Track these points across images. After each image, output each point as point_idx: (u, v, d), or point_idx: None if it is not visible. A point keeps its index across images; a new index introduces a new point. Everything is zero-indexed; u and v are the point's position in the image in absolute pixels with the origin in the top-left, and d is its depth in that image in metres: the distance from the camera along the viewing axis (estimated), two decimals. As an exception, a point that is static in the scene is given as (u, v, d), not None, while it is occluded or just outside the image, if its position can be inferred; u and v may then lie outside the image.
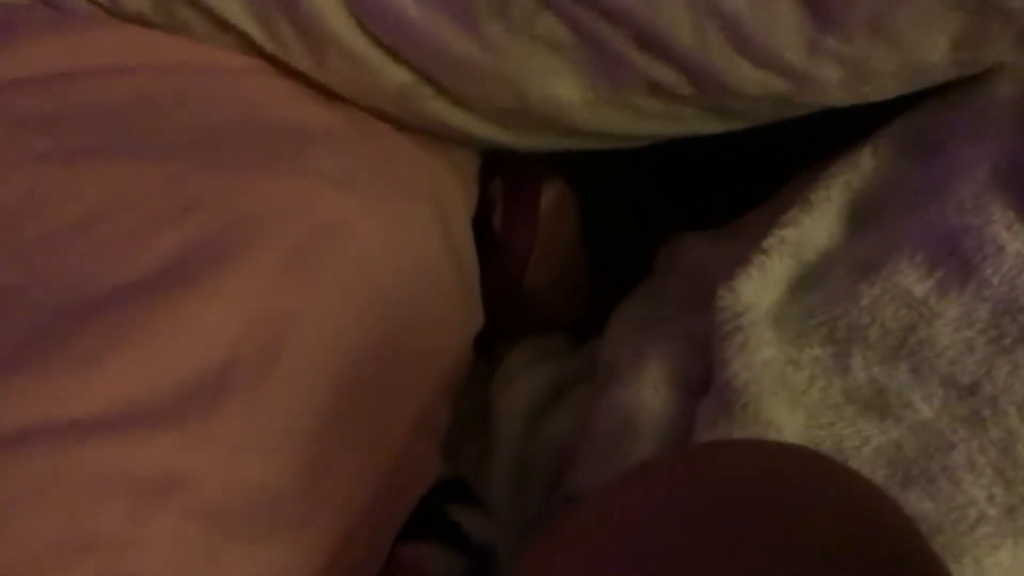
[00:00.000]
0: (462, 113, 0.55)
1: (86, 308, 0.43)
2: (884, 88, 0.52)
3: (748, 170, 0.62)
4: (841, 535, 0.33)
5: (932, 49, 0.50)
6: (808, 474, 0.35)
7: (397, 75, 0.54)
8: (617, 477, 0.36)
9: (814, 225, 0.54)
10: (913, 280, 0.49)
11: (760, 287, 0.52)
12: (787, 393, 0.49)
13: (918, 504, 0.46)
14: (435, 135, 0.58)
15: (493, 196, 0.67)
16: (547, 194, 0.68)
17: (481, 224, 0.66)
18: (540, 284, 0.67)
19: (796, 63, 0.50)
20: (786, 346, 0.50)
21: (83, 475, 0.40)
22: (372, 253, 0.50)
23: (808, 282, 0.53)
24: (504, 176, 0.68)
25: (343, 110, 0.55)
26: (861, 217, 0.54)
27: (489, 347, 0.66)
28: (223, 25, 0.53)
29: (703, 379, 0.52)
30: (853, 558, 0.32)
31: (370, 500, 0.48)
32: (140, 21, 0.54)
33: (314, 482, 0.45)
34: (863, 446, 0.48)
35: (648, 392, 0.53)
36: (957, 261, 0.48)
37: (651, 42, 0.51)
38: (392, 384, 0.50)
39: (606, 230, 0.73)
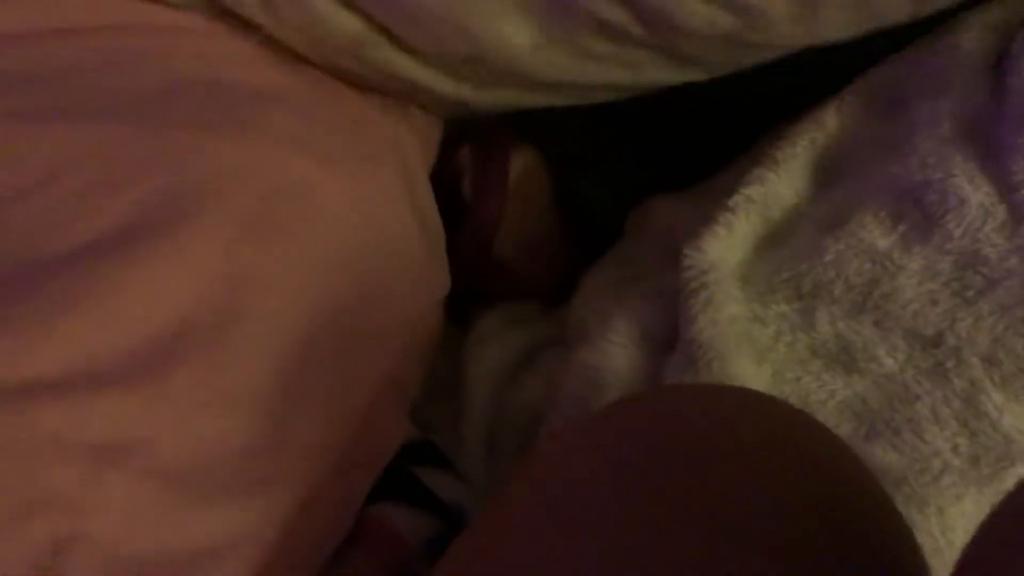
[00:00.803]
0: (415, 63, 0.55)
1: (39, 269, 0.42)
2: (835, 23, 0.52)
3: (726, 134, 0.61)
4: (791, 477, 0.33)
5: None
6: (760, 416, 0.36)
7: (349, 23, 0.53)
8: (572, 423, 0.36)
9: (780, 183, 0.54)
10: (877, 235, 0.49)
11: (726, 245, 0.52)
12: (753, 349, 0.50)
13: (883, 456, 0.46)
14: (395, 94, 0.57)
15: (462, 164, 0.67)
16: (516, 162, 0.67)
17: (451, 192, 0.66)
18: (511, 251, 0.67)
19: None
20: (752, 303, 0.51)
21: (36, 436, 0.40)
22: (333, 216, 0.50)
23: (774, 240, 0.53)
24: (473, 144, 0.67)
25: (304, 74, 0.55)
26: (827, 174, 0.54)
27: (462, 316, 0.65)
28: None
29: (671, 337, 0.52)
30: (802, 500, 0.33)
31: (335, 462, 0.47)
32: None
33: (275, 444, 0.45)
34: (828, 400, 0.48)
35: (615, 351, 0.52)
36: (920, 215, 0.49)
37: (598, -22, 0.50)
38: (356, 347, 0.49)
39: (582, 197, 0.72)
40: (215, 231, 0.45)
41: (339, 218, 0.50)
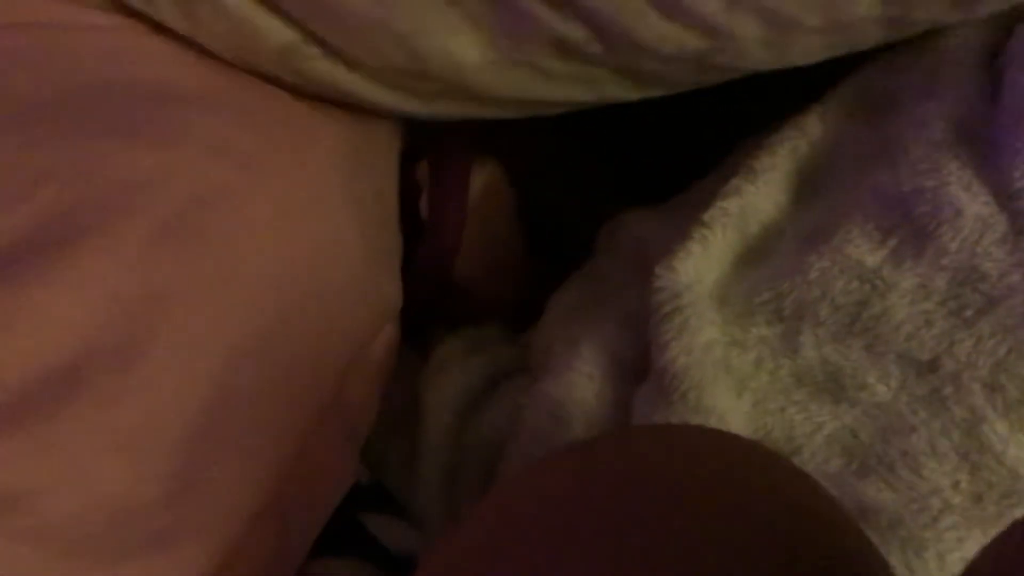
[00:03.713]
0: (354, 76, 0.51)
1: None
2: (809, 49, 0.49)
3: (705, 143, 0.58)
4: (763, 526, 0.31)
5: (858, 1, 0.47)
6: (732, 462, 0.34)
7: (279, 33, 0.49)
8: (530, 464, 0.35)
9: (758, 194, 0.51)
10: (865, 250, 0.46)
11: (701, 263, 0.49)
12: (731, 378, 0.47)
13: (877, 495, 0.43)
14: (335, 103, 0.54)
15: (420, 181, 0.64)
16: (477, 178, 0.65)
17: (408, 211, 0.63)
18: (473, 272, 0.64)
19: (711, 16, 0.47)
20: (730, 326, 0.47)
21: None
22: (260, 226, 0.46)
23: (753, 256, 0.50)
24: (431, 159, 0.64)
25: (230, 73, 0.51)
26: (809, 185, 0.51)
27: (421, 340, 0.62)
28: None
29: (642, 365, 0.49)
30: (774, 550, 0.30)
31: (262, 509, 0.43)
32: None
33: (186, 491, 0.40)
34: (815, 432, 0.45)
35: (581, 381, 0.50)
36: (911, 227, 0.46)
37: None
38: (288, 370, 0.45)
39: (549, 213, 0.69)
40: (121, 248, 0.42)
41: (266, 227, 0.47)
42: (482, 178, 0.65)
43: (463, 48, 0.49)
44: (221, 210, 0.45)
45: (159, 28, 0.49)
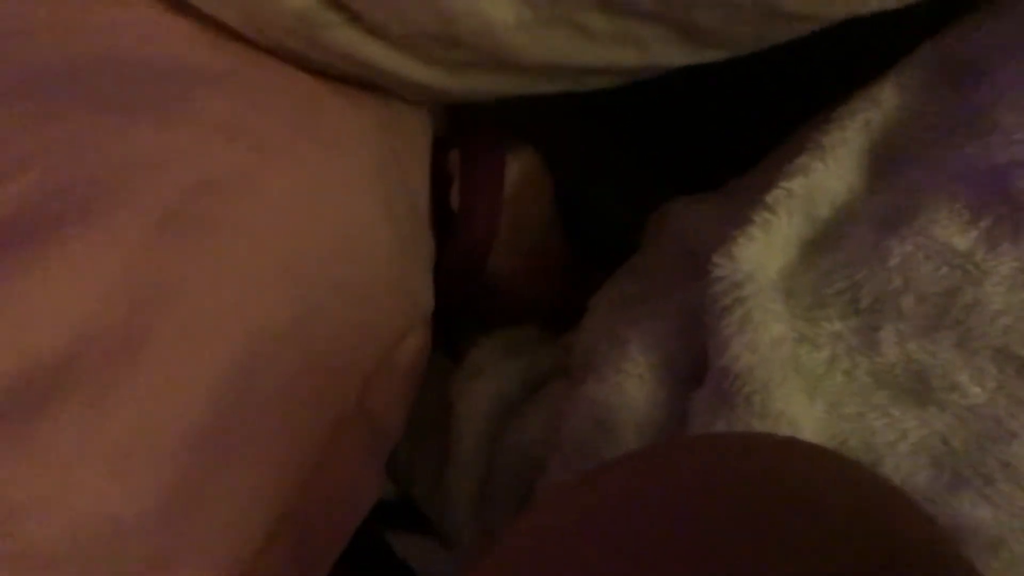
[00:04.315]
0: (377, 45, 0.48)
1: None
2: None
3: (754, 132, 0.54)
4: (847, 552, 0.28)
5: None
6: (810, 476, 0.30)
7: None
8: (580, 473, 0.32)
9: (828, 173, 0.46)
10: (953, 231, 0.42)
11: (765, 251, 0.45)
12: (802, 379, 0.42)
13: (972, 511, 0.39)
14: (357, 81, 0.50)
15: (450, 170, 0.61)
16: (513, 166, 0.62)
17: (438, 202, 0.60)
18: (508, 269, 0.61)
19: None
20: (799, 321, 0.43)
21: None
22: (275, 215, 0.43)
23: (824, 242, 0.45)
24: (462, 147, 0.61)
25: (249, 53, 0.48)
26: (885, 161, 0.47)
27: (453, 343, 0.61)
28: None
29: (698, 366, 0.45)
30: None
31: (272, 529, 0.38)
32: None
33: (185, 507, 0.36)
34: (899, 441, 0.41)
35: (631, 384, 0.46)
36: (1007, 205, 0.41)
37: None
38: (303, 378, 0.42)
39: (590, 204, 0.67)
40: (117, 235, 0.38)
41: (283, 216, 0.43)
42: (517, 166, 0.62)
43: (496, 6, 0.45)
44: (231, 196, 0.42)
45: (173, 3, 0.47)
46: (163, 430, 0.37)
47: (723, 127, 0.61)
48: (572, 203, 0.65)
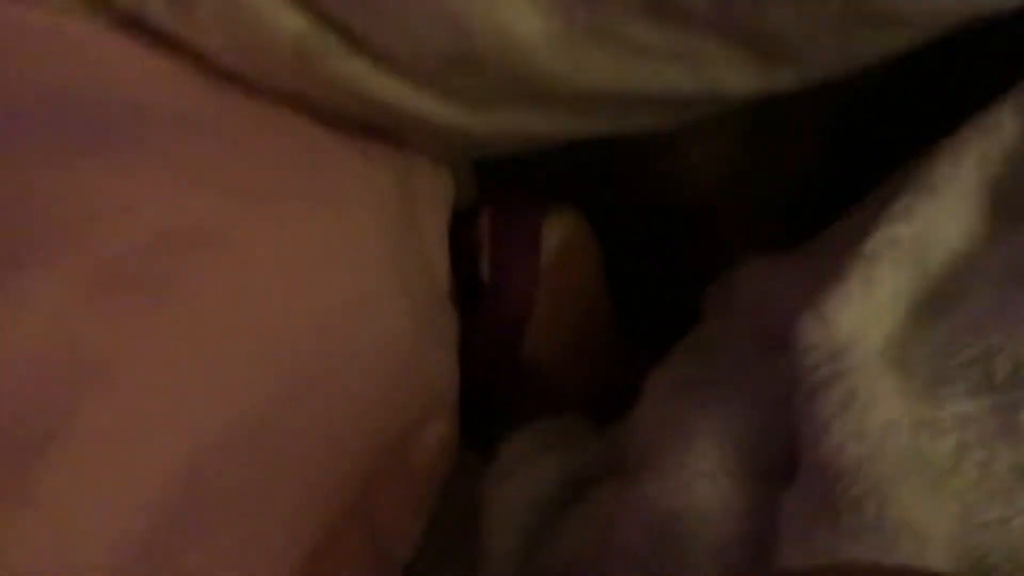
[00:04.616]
0: (386, 77, 0.43)
1: None
2: None
3: (841, 173, 0.50)
4: None
5: None
6: None
7: (289, 22, 0.41)
8: None
9: (940, 217, 0.40)
10: None
11: (866, 311, 0.38)
12: (924, 475, 0.35)
13: None
14: (366, 126, 0.45)
15: (479, 236, 0.56)
16: (552, 230, 0.57)
17: (466, 273, 0.56)
18: (546, 350, 0.57)
19: None
20: (915, 400, 0.36)
21: None
22: (255, 277, 0.38)
23: (940, 301, 0.39)
24: (492, 209, 0.57)
25: (238, 95, 0.43)
26: (1008, 201, 0.40)
27: (483, 436, 0.54)
28: None
29: (784, 460, 0.37)
30: None
31: None
32: None
33: None
34: None
35: (699, 484, 0.39)
36: None
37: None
38: (282, 475, 0.36)
39: (640, 275, 0.61)
40: (55, 295, 0.33)
41: (265, 278, 0.38)
42: (558, 232, 0.57)
43: (519, 17, 0.40)
44: (196, 254, 0.37)
45: (152, 40, 0.42)
46: (89, 538, 0.30)
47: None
48: (619, 272, 0.59)
